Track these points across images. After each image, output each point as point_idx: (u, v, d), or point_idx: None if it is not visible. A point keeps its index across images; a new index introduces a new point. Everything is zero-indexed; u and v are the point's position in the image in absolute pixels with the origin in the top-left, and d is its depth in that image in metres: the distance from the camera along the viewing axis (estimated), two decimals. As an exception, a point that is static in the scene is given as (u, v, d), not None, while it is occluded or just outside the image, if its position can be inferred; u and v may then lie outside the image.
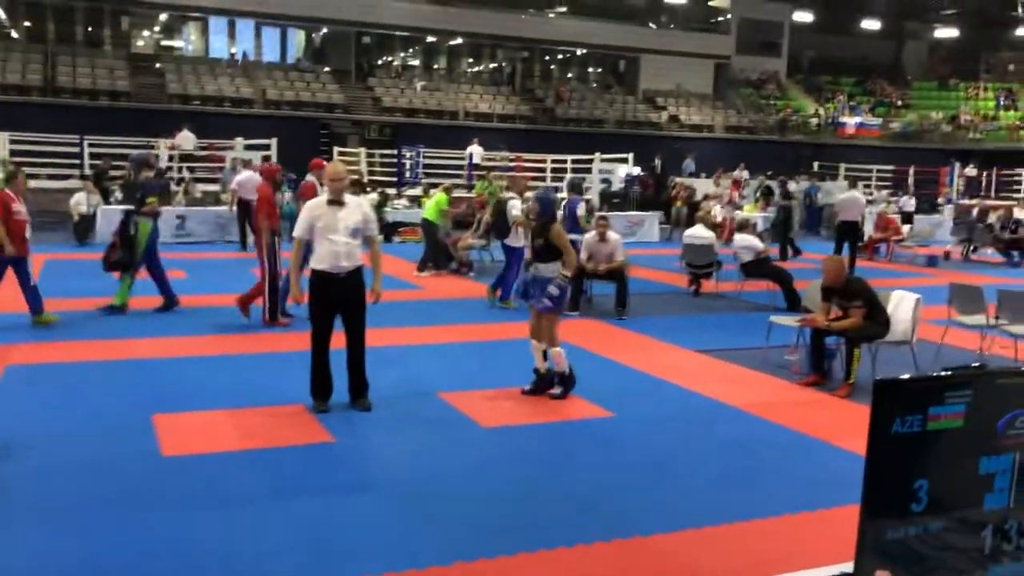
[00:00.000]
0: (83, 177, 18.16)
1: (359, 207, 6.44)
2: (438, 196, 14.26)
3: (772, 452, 5.86)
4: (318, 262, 6.26)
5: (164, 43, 31.53)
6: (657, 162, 27.75)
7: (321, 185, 8.49)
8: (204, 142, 23.49)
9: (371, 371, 6.54)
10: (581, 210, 11.53)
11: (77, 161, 20.88)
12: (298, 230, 6.39)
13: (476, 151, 25.48)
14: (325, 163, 8.67)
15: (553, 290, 6.65)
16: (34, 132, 20.82)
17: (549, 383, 6.89)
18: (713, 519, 4.62)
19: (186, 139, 22.78)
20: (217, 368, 7.58)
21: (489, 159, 25.60)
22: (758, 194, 21.68)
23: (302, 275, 6.59)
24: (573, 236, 10.71)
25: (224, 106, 26.68)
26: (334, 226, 6.20)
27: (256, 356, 8.11)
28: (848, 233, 15.45)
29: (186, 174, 20.91)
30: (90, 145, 20.89)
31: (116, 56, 28.65)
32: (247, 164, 17.70)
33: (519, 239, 10.32)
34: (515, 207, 10.72)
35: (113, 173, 18.60)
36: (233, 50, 31.42)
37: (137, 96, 26.22)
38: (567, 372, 6.82)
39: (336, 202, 6.27)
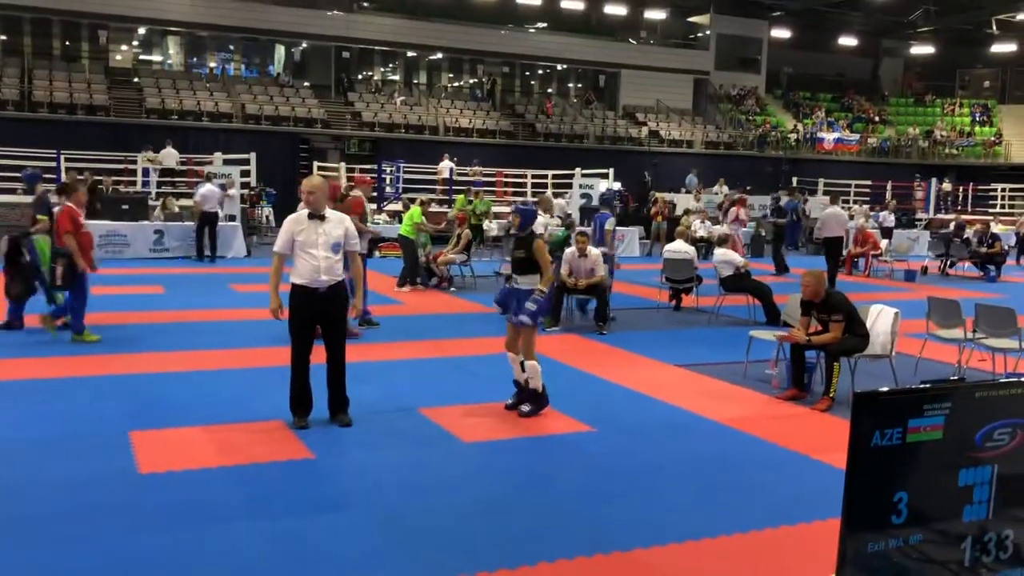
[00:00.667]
0: (57, 192, 17.97)
1: (341, 222, 6.37)
2: (412, 210, 14.26)
3: (753, 466, 5.87)
4: (298, 276, 6.20)
5: (142, 57, 31.38)
6: (648, 177, 27.88)
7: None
8: (183, 157, 23.38)
9: (351, 387, 6.50)
10: (610, 225, 11.63)
11: (54, 176, 20.68)
12: (278, 245, 6.33)
13: (446, 166, 25.43)
14: (368, 178, 8.74)
15: (531, 305, 6.64)
16: (10, 147, 20.66)
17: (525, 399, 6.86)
18: (694, 533, 4.61)
19: (169, 155, 22.71)
20: (194, 384, 7.51)
21: (461, 173, 25.63)
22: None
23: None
24: (602, 249, 10.88)
25: (203, 120, 26.57)
26: (314, 241, 6.15)
27: (234, 372, 8.05)
28: (833, 249, 15.60)
29: (163, 188, 20.82)
30: (67, 160, 20.72)
31: (94, 70, 28.49)
32: (208, 178, 18.04)
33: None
34: (541, 225, 10.89)
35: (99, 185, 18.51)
36: (212, 64, 31.34)
37: (115, 110, 26.06)
38: (539, 390, 6.77)
39: (317, 216, 6.23)
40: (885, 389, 1.96)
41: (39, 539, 4.35)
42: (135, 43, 31.13)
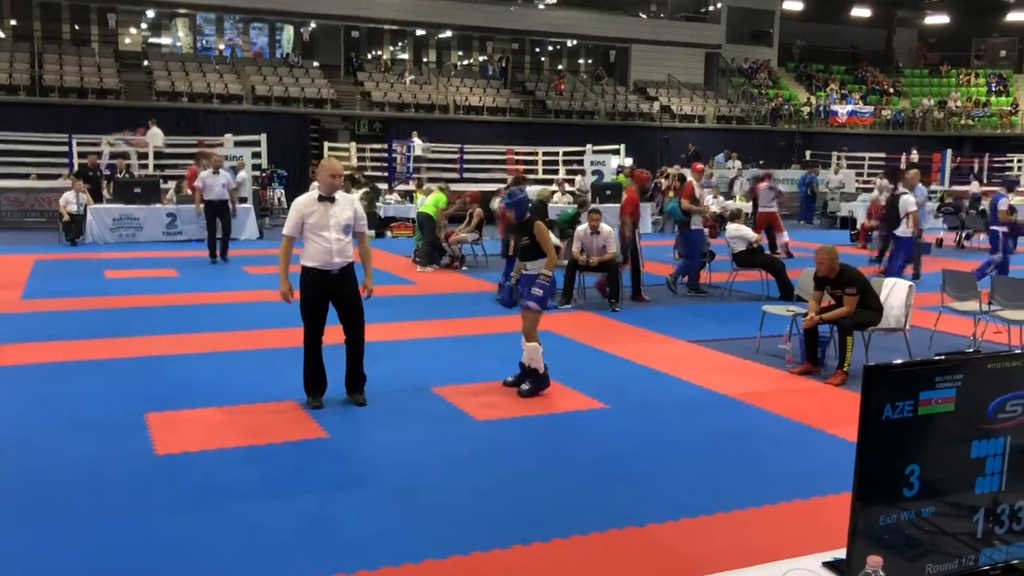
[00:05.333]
0: (74, 175, 18.05)
1: (350, 203, 6.39)
2: (436, 195, 14.23)
3: (766, 441, 5.87)
4: (309, 259, 6.22)
5: (152, 40, 31.36)
6: (691, 147, 27.54)
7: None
8: (194, 139, 23.39)
9: (365, 366, 6.53)
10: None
11: (66, 160, 20.78)
12: (287, 228, 6.34)
13: (418, 144, 25.15)
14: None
15: (537, 290, 6.61)
16: (22, 131, 20.70)
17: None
18: (708, 508, 4.63)
19: (155, 136, 22.40)
20: (209, 365, 7.56)
21: (435, 151, 25.55)
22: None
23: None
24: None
25: (213, 102, 26.57)
26: (325, 223, 6.16)
27: (248, 353, 8.10)
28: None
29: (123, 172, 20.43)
30: (79, 144, 20.78)
31: (103, 54, 28.49)
32: (199, 160, 16.16)
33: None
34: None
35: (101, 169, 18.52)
36: (221, 46, 31.29)
37: (125, 94, 26.09)
38: (541, 371, 6.73)
39: (327, 199, 6.24)
40: (896, 361, 1.95)
41: (58, 519, 4.40)
42: (144, 26, 31.10)
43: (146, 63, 28.76)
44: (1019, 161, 32.34)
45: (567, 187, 20.66)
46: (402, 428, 6.02)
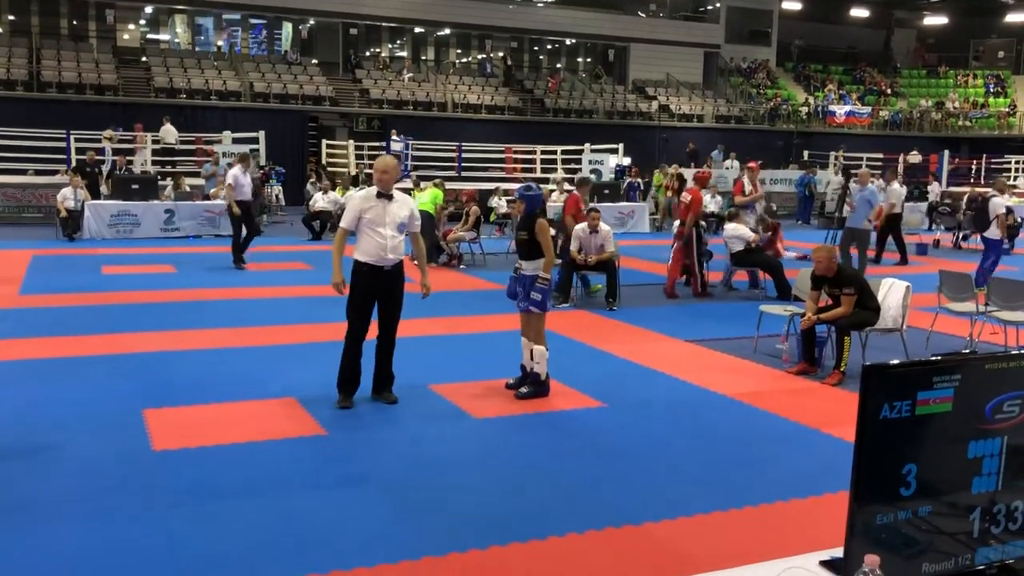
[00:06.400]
0: (72, 171, 18.03)
1: (406, 203, 6.44)
2: (433, 191, 14.21)
3: (763, 440, 5.88)
4: (363, 254, 6.25)
5: (150, 36, 31.31)
6: (692, 146, 27.61)
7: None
8: (191, 135, 23.37)
9: (363, 364, 6.52)
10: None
11: (63, 156, 20.74)
12: (345, 221, 6.37)
13: (395, 143, 24.94)
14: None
15: (536, 295, 6.59)
16: (19, 127, 20.67)
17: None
18: (705, 507, 4.64)
19: (168, 132, 22.56)
20: (207, 362, 7.56)
21: (432, 149, 25.52)
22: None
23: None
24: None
25: (211, 99, 26.54)
26: (382, 220, 6.20)
27: (246, 350, 8.10)
28: (890, 224, 15.51)
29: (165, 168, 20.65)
30: (76, 139, 20.76)
31: (101, 49, 28.46)
32: (243, 160, 14.16)
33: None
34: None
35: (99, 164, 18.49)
36: (220, 43, 31.26)
37: (123, 90, 26.05)
38: (542, 376, 6.69)
39: (385, 196, 6.26)
40: (894, 361, 1.96)
41: (56, 516, 4.40)
42: (142, 22, 31.06)
43: (144, 59, 28.72)
44: (1016, 162, 32.38)
45: (566, 186, 20.65)
46: (400, 426, 6.03)
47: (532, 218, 6.70)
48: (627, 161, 24.98)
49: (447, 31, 34.44)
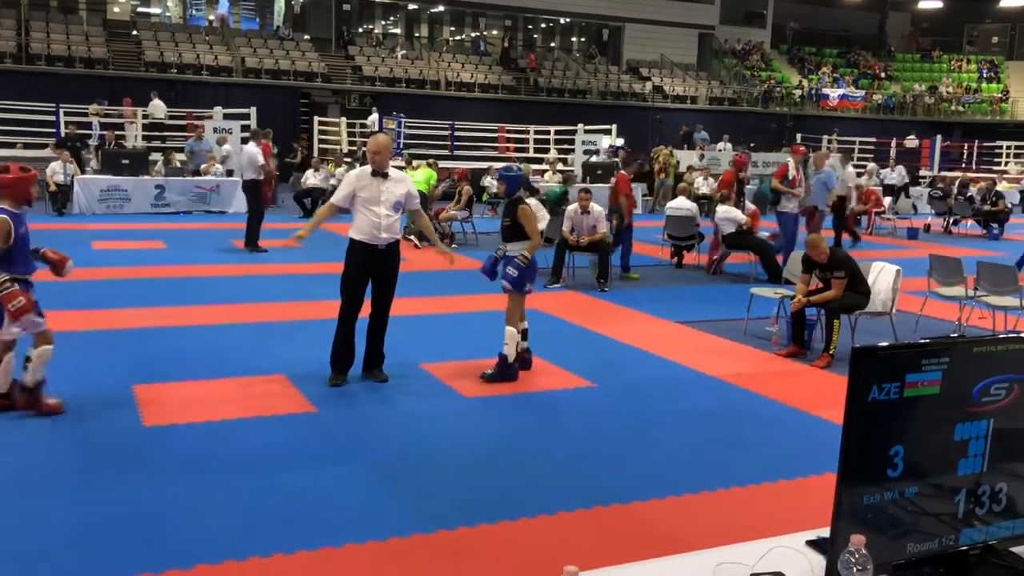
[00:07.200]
0: (56, 145, 17.87)
1: (403, 181, 6.41)
2: (427, 171, 14.14)
3: (752, 422, 5.92)
4: (357, 233, 6.25)
5: (140, 9, 30.99)
6: (686, 128, 27.54)
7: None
8: (182, 111, 23.19)
9: (355, 341, 6.52)
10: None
11: (52, 130, 20.57)
12: (336, 197, 6.38)
13: (374, 119, 24.67)
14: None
15: (512, 271, 6.52)
16: (8, 100, 20.46)
17: (526, 363, 6.76)
18: (693, 487, 4.67)
19: (157, 108, 22.36)
20: (197, 338, 7.55)
21: (425, 127, 25.42)
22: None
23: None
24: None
25: (202, 74, 26.31)
26: (376, 199, 6.18)
27: (236, 326, 8.08)
28: (837, 208, 15.41)
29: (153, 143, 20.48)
30: (66, 113, 20.58)
31: (91, 22, 28.13)
32: (254, 137, 13.41)
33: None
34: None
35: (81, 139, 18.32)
36: (211, 17, 30.95)
37: (113, 63, 25.80)
38: (509, 358, 6.54)
39: (380, 174, 6.23)
40: (884, 344, 1.97)
41: (46, 490, 4.41)
42: (133, -6, 30.74)
43: (135, 32, 28.42)
44: (1008, 148, 32.44)
45: (559, 166, 20.61)
46: (390, 404, 6.04)
47: (514, 203, 6.65)
48: (620, 142, 24.92)
49: (441, 8, 34.18)
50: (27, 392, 5.46)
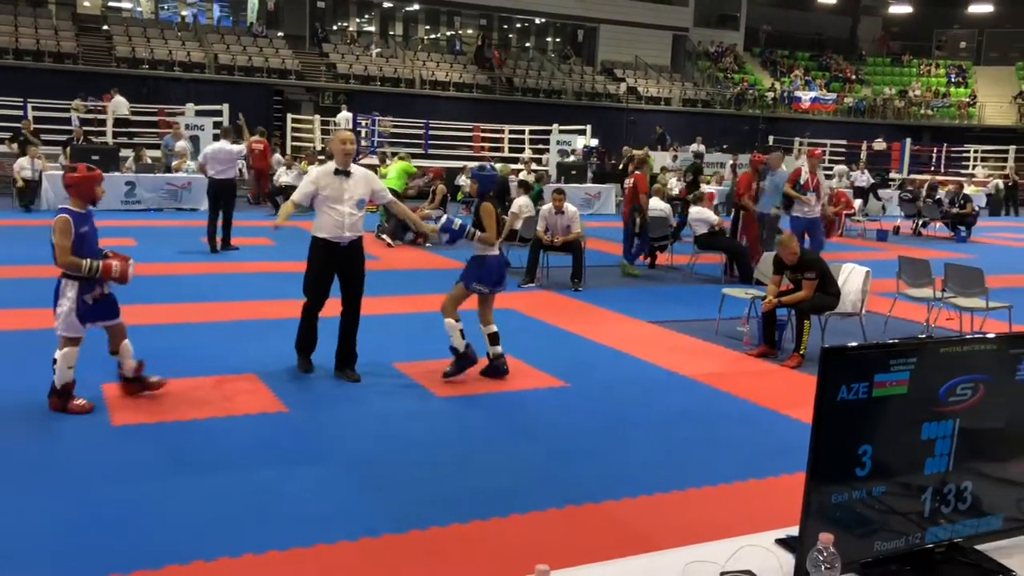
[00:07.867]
0: (10, 140, 17.55)
1: (366, 180, 6.37)
2: (401, 164, 14.08)
3: (723, 421, 5.96)
4: (320, 231, 6.23)
5: (111, 3, 30.60)
6: (660, 129, 27.64)
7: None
8: (153, 107, 22.94)
9: (326, 341, 6.49)
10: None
11: (20, 125, 20.24)
12: (297, 195, 6.34)
13: (346, 117, 24.48)
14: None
15: (454, 227, 6.43)
16: (-25, 94, 20.14)
17: (498, 370, 6.64)
18: (665, 486, 4.69)
19: (119, 104, 21.98)
20: (167, 337, 7.46)
21: (399, 125, 25.36)
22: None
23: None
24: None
25: (174, 70, 26.05)
26: (339, 196, 6.15)
27: (207, 325, 8.01)
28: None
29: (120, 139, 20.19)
30: (34, 108, 20.27)
31: (61, 16, 27.74)
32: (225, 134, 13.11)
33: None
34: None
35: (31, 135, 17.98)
36: (184, 13, 30.64)
37: (83, 58, 25.46)
38: (460, 350, 6.48)
39: (343, 172, 6.19)
40: (853, 344, 1.99)
41: (13, 490, 4.34)
42: (103, -11, 30.36)
43: (105, 27, 28.06)
44: (975, 152, 32.91)
45: (533, 166, 20.62)
46: (362, 403, 6.01)
47: (479, 200, 6.60)
48: (595, 142, 24.99)
49: (416, 7, 34.08)
50: (56, 395, 5.49)
